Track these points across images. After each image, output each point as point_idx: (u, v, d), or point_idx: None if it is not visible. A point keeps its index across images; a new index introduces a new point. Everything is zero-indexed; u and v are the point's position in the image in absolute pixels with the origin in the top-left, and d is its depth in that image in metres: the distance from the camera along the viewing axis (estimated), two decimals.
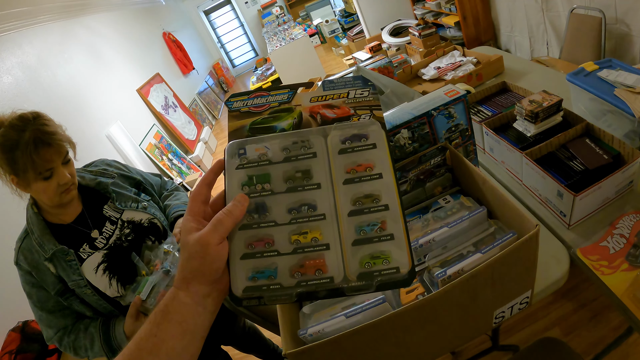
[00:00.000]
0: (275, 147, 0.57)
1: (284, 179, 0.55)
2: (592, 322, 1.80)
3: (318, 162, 0.56)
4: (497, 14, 3.97)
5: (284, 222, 0.53)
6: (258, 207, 0.54)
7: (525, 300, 0.90)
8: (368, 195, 0.54)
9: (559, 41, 3.19)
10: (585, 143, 1.26)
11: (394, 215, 0.52)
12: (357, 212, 0.53)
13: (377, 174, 0.54)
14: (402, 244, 0.51)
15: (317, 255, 0.52)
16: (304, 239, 0.53)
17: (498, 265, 0.74)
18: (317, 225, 0.53)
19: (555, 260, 1.11)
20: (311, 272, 0.51)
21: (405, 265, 0.50)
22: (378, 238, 0.51)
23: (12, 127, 1.07)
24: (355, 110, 0.59)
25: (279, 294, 0.51)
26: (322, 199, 0.54)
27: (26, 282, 1.20)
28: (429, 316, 0.76)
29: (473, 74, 2.12)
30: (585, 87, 1.41)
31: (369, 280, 0.50)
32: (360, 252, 0.51)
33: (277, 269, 0.52)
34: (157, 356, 0.46)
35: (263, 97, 0.60)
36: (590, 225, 1.19)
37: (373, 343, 0.76)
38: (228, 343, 1.76)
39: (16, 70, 3.08)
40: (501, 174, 1.47)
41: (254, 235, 0.53)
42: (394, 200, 0.53)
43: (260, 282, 0.51)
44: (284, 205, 0.54)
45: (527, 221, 0.78)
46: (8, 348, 2.07)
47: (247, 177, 0.55)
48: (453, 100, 1.06)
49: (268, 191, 0.55)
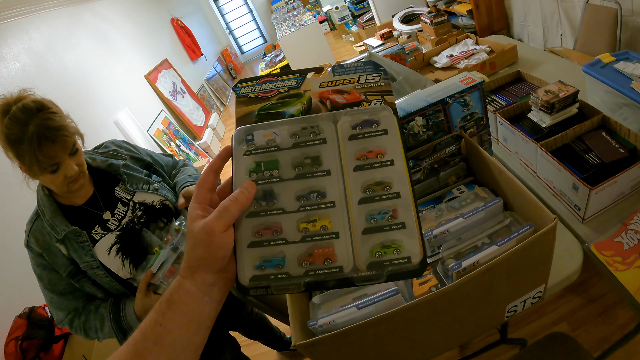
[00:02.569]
0: (284, 133, 0.55)
1: (293, 166, 0.54)
2: (601, 318, 1.78)
3: (328, 148, 0.54)
4: (510, 3, 3.90)
5: (292, 209, 0.52)
6: (265, 194, 0.53)
7: (538, 295, 0.88)
8: (379, 183, 0.52)
9: (573, 32, 3.12)
10: (601, 136, 1.24)
11: (406, 204, 0.51)
12: (367, 199, 0.52)
13: (388, 161, 0.53)
14: (414, 233, 0.49)
15: (326, 244, 0.50)
16: (312, 227, 0.51)
17: (514, 259, 0.72)
18: (326, 213, 0.52)
19: (568, 255, 1.09)
20: (320, 262, 0.50)
21: (416, 255, 0.48)
22: (389, 227, 0.50)
23: (15, 120, 1.04)
24: (366, 95, 0.57)
25: (287, 284, 0.50)
26: (332, 186, 0.53)
27: (37, 264, 1.20)
28: (442, 309, 0.74)
29: (487, 62, 2.08)
30: (602, 78, 1.38)
31: (379, 270, 0.48)
32: (371, 241, 0.50)
33: (285, 257, 0.50)
34: (161, 346, 0.45)
35: (271, 82, 0.59)
36: (604, 220, 1.17)
37: (385, 335, 0.75)
38: (235, 329, 1.77)
39: (23, 56, 3.07)
40: (515, 165, 1.45)
41: (261, 223, 0.52)
42: (406, 187, 0.51)
43: (267, 271, 0.50)
44: (293, 193, 0.53)
45: (545, 214, 0.75)
46: (14, 334, 2.08)
47: (254, 164, 0.54)
48: (469, 88, 1.04)
49: (276, 178, 0.54)
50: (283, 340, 2.18)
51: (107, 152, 1.38)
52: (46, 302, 1.23)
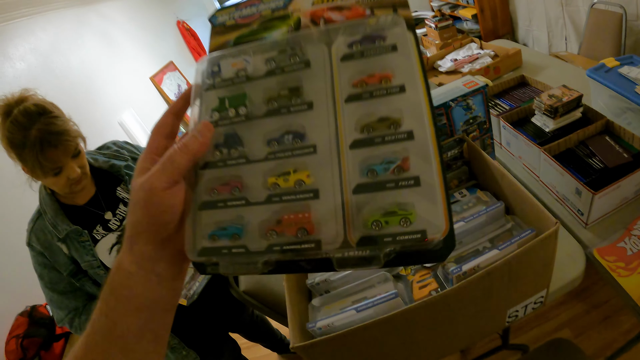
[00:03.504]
0: (258, 60, 0.43)
1: (265, 100, 0.41)
2: (603, 325, 1.77)
3: (312, 74, 0.41)
4: (515, 8, 3.89)
5: (258, 158, 0.40)
6: (228, 139, 0.41)
7: (540, 300, 0.87)
8: (383, 119, 0.38)
9: (577, 36, 3.12)
10: (605, 141, 1.23)
11: (423, 149, 0.36)
12: (364, 142, 0.37)
13: (396, 87, 0.38)
14: (435, 195, 0.34)
15: (301, 207, 0.37)
16: (284, 182, 0.39)
17: (515, 263, 0.71)
18: (303, 163, 0.39)
19: (571, 260, 1.08)
20: (291, 232, 0.37)
21: (437, 227, 0.33)
22: (395, 183, 0.36)
23: (17, 124, 1.04)
24: (372, 10, 0.42)
25: (242, 262, 0.38)
26: (314, 124, 0.39)
27: (38, 263, 1.20)
28: (442, 313, 0.74)
29: (491, 67, 2.07)
30: (606, 83, 1.37)
31: (374, 250, 0.35)
32: (367, 204, 0.36)
33: (245, 224, 0.39)
34: (110, 340, 0.37)
35: (254, 5, 0.46)
36: (607, 225, 1.16)
37: (384, 339, 0.74)
38: (236, 330, 1.77)
39: (29, 56, 3.09)
40: (518, 169, 1.44)
41: (218, 177, 0.40)
42: (424, 126, 0.36)
43: (220, 243, 0.39)
44: (262, 135, 0.41)
45: (547, 218, 0.75)
46: (15, 332, 2.09)
47: (217, 101, 0.43)
48: (472, 92, 1.04)
49: (242, 116, 0.42)
50: (284, 343, 2.17)
51: (109, 152, 1.39)
52: (47, 301, 1.24)
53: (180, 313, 1.30)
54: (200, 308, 1.38)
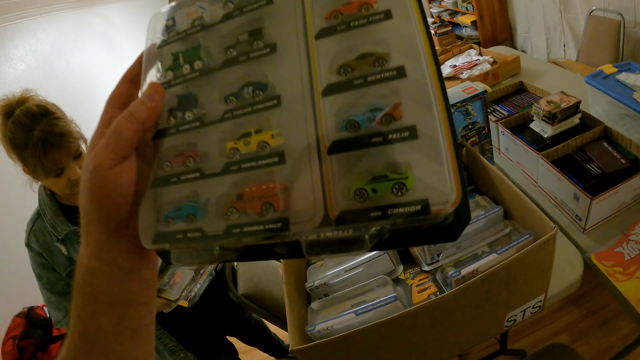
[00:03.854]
0: (215, 5, 0.37)
1: (223, 49, 0.35)
2: (601, 330, 1.77)
3: (276, 11, 0.34)
4: (514, 14, 3.91)
5: (213, 119, 0.33)
6: (182, 100, 0.35)
7: (538, 305, 0.88)
8: (364, 55, 0.29)
9: (576, 43, 3.13)
10: (602, 146, 1.24)
11: (419, 90, 0.27)
12: (340, 86, 0.29)
13: (380, 14, 0.30)
14: (438, 150, 0.26)
15: (265, 175, 0.30)
16: (245, 146, 0.31)
17: (514, 267, 0.72)
18: (267, 119, 0.31)
19: (569, 265, 1.08)
20: (254, 209, 0.30)
21: (443, 196, 0.25)
22: (383, 136, 0.27)
23: (20, 124, 1.04)
24: None
25: (197, 248, 0.32)
26: (279, 70, 0.32)
27: (36, 263, 1.20)
28: (441, 317, 0.74)
29: (489, 73, 2.08)
30: (604, 89, 1.38)
31: (357, 229, 0.26)
32: (348, 168, 0.28)
33: (201, 202, 0.32)
34: (86, 340, 0.34)
35: None
36: (605, 230, 1.16)
37: (382, 342, 0.74)
38: (233, 334, 1.77)
39: (30, 57, 3.10)
40: (516, 174, 1.44)
41: (172, 147, 0.34)
42: (419, 61, 0.28)
43: (175, 226, 0.32)
44: (218, 91, 0.34)
45: (545, 223, 0.76)
46: (12, 333, 2.08)
47: (171, 58, 0.36)
48: (471, 98, 1.04)
49: (197, 72, 0.35)
50: (282, 347, 2.17)
51: None
52: (44, 302, 1.23)
53: (179, 315, 1.31)
54: (199, 310, 1.38)
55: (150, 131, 0.35)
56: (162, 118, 0.35)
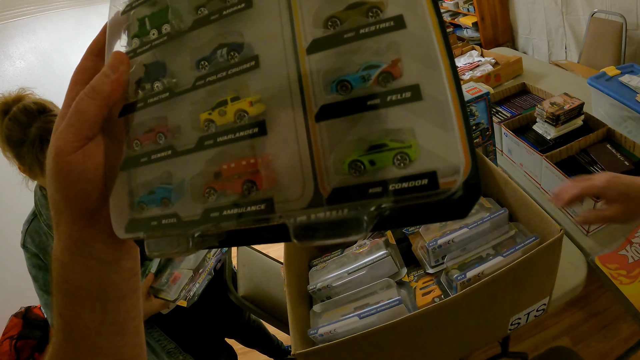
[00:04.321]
0: None
1: (193, 8, 0.30)
2: (602, 333, 1.76)
3: None
4: (515, 16, 3.91)
5: (184, 87, 0.29)
6: (150, 70, 0.31)
7: (542, 307, 0.87)
8: (356, 4, 0.25)
9: (577, 45, 3.13)
10: (606, 148, 1.23)
11: (423, 45, 0.23)
12: (328, 41, 0.25)
13: None
14: (447, 114, 0.22)
15: (246, 149, 0.26)
16: (220, 116, 0.27)
17: (520, 270, 0.71)
18: (244, 85, 0.27)
19: (572, 267, 1.08)
20: (235, 188, 0.26)
21: (453, 166, 0.21)
22: (380, 98, 0.23)
23: (17, 121, 1.03)
24: None
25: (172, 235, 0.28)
26: (256, 27, 0.28)
27: (32, 265, 1.19)
28: (446, 320, 0.73)
29: (492, 74, 2.08)
30: (607, 91, 1.38)
31: (353, 209, 0.23)
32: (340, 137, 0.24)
33: (175, 184, 0.29)
34: (72, 341, 0.32)
35: None
36: (608, 233, 1.16)
37: (387, 346, 0.73)
38: (232, 336, 1.75)
39: (29, 55, 3.09)
40: (519, 176, 1.44)
41: (141, 123, 0.30)
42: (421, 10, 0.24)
43: (149, 212, 0.29)
44: (189, 56, 0.30)
45: (551, 225, 0.75)
46: (9, 333, 2.07)
47: (137, 24, 0.32)
48: (475, 98, 1.03)
49: (164, 36, 0.31)
50: (280, 349, 2.16)
51: None
52: (41, 305, 1.21)
53: (178, 316, 1.29)
54: (198, 312, 1.36)
55: (118, 107, 0.31)
56: (130, 91, 0.31)
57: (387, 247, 0.89)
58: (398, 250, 0.91)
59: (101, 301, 0.32)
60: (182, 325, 1.37)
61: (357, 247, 0.94)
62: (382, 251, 0.87)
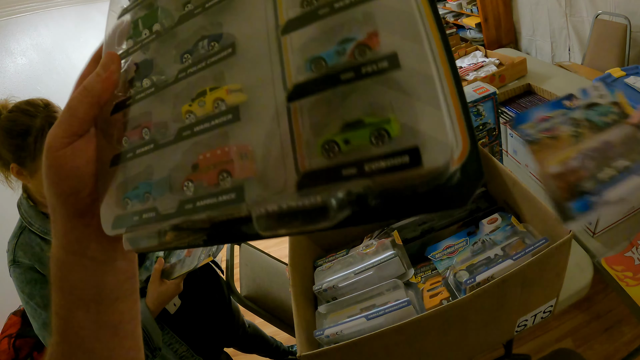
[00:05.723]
0: None
1: (180, 5, 0.31)
2: (605, 335, 1.75)
3: None
4: (518, 17, 3.90)
5: (168, 81, 0.30)
6: (140, 68, 0.32)
7: (549, 309, 0.86)
8: None
9: (581, 47, 3.12)
10: None
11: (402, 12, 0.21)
12: (303, 19, 0.24)
13: None
14: (431, 88, 0.19)
15: (221, 138, 0.26)
16: (200, 107, 0.27)
17: (529, 271, 0.70)
18: (220, 73, 0.27)
19: (578, 269, 1.07)
20: (211, 180, 0.25)
21: (441, 144, 0.19)
22: (354, 71, 0.21)
23: (22, 112, 1.03)
24: None
25: (150, 230, 0.28)
26: (235, 16, 0.27)
27: (27, 281, 1.13)
28: (455, 322, 0.72)
29: (496, 75, 2.07)
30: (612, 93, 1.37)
31: (325, 193, 0.21)
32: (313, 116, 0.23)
33: (156, 178, 0.29)
34: (67, 342, 0.32)
35: None
36: (614, 234, 1.15)
37: (394, 348, 0.72)
38: (230, 345, 1.74)
39: (31, 52, 3.07)
40: (524, 177, 1.42)
41: (130, 120, 0.31)
42: None
43: (132, 208, 0.29)
44: (175, 51, 0.30)
45: (560, 226, 0.74)
46: (8, 332, 2.05)
47: (132, 26, 0.33)
48: (482, 98, 1.03)
49: (154, 34, 0.31)
50: (280, 350, 2.14)
51: None
52: (39, 329, 1.11)
53: (185, 318, 1.28)
54: (199, 313, 1.35)
55: (111, 106, 0.32)
56: (123, 90, 0.32)
57: (394, 248, 0.88)
58: (405, 250, 0.90)
59: (95, 302, 0.32)
60: (189, 327, 1.34)
61: (364, 247, 0.93)
62: (389, 251, 0.86)
